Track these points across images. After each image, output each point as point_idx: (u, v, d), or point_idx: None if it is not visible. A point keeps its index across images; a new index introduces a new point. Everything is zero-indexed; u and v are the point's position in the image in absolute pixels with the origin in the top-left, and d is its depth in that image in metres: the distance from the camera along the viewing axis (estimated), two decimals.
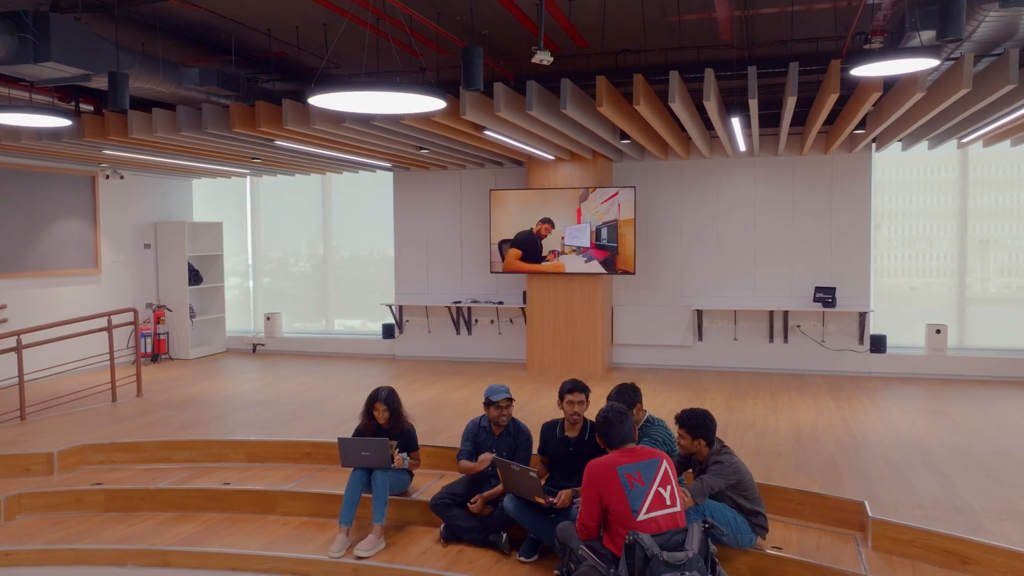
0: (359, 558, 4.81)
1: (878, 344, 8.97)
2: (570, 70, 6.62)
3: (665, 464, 3.64)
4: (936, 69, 5.67)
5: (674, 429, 4.58)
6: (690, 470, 4.55)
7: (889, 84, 6.29)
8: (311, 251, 11.51)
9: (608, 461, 3.62)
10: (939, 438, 6.19)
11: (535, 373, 9.29)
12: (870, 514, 4.49)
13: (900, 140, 8.36)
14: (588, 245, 9.06)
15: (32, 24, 4.68)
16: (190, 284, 10.74)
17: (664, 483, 3.56)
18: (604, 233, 8.99)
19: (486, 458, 5.03)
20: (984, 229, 9.03)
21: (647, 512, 3.47)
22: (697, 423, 4.36)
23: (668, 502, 3.54)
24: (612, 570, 3.43)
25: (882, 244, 9.29)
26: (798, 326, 9.17)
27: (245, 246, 11.69)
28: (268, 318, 11.23)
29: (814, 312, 9.04)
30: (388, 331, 10.71)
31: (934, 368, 8.81)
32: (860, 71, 4.42)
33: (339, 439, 5.15)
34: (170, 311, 10.69)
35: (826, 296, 8.88)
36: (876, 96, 5.68)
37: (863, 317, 8.89)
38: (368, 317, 11.25)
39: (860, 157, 8.88)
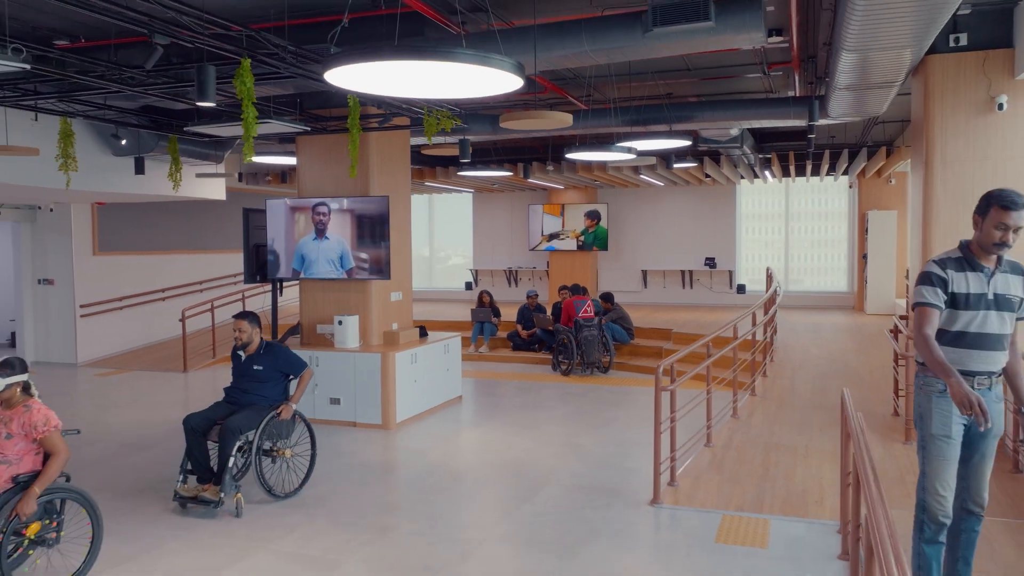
0: (479, 351, 12.46)
1: (741, 289, 16.37)
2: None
3: (588, 301, 11.16)
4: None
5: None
6: (605, 314, 12.08)
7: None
8: (421, 241, 19.17)
9: (572, 299, 11.17)
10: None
11: None
12: (672, 331, 11.99)
13: (746, 179, 15.77)
14: (582, 235, 16.63)
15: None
16: None
17: (587, 307, 11.09)
18: (592, 228, 16.54)
19: (523, 332, 12.58)
20: (801, 228, 16.38)
21: (581, 314, 11.00)
22: (607, 296, 11.94)
23: (589, 313, 11.07)
24: (570, 333, 10.98)
25: (741, 236, 16.66)
26: (698, 279, 16.61)
27: None
28: None
29: (706, 271, 16.46)
30: (468, 285, 18.37)
31: None
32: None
33: (471, 309, 12.82)
34: None
35: (711, 262, 16.31)
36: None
37: (732, 274, 16.30)
38: (454, 280, 18.91)
39: (729, 186, 16.29)
